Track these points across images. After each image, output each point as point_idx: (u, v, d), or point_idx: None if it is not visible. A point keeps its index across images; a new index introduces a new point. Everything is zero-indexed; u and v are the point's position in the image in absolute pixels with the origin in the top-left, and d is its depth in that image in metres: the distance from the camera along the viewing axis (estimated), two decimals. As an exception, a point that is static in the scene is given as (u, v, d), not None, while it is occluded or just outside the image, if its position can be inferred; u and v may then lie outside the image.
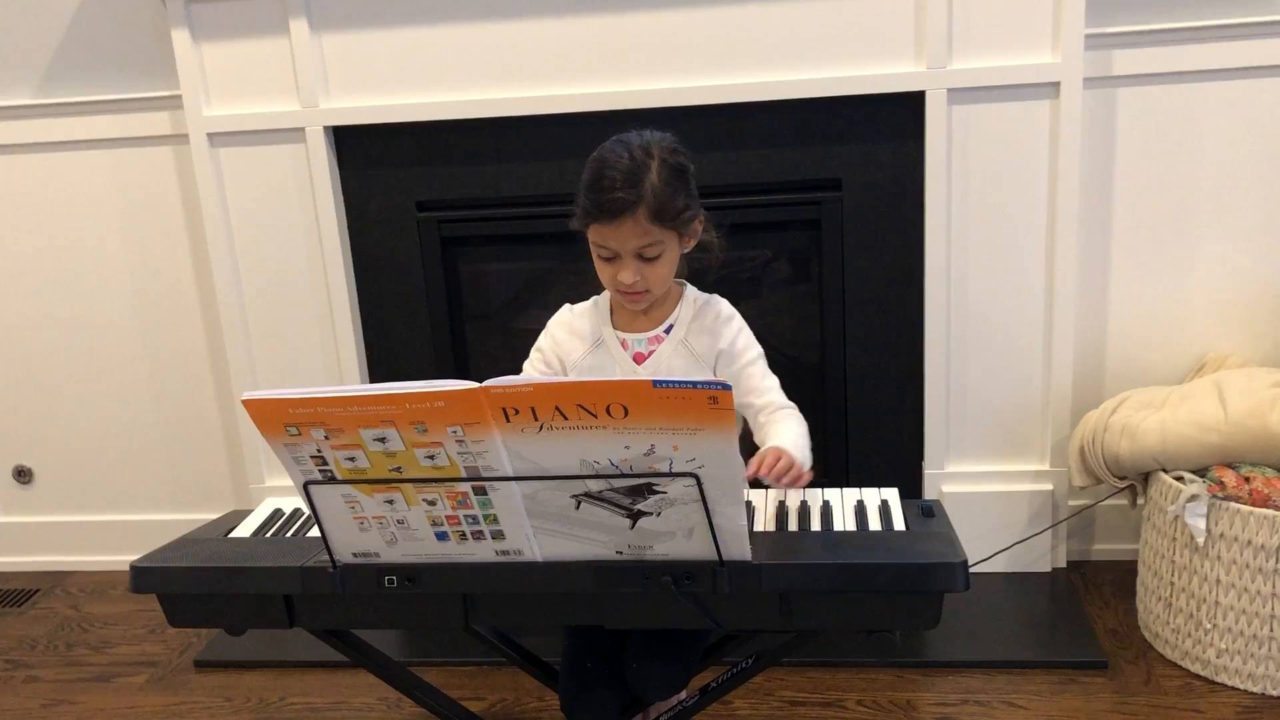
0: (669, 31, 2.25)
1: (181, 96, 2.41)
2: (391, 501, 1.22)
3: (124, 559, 1.51)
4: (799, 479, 1.43)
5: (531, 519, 1.21)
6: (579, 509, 1.20)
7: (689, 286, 1.69)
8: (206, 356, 2.74)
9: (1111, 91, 2.30)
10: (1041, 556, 2.48)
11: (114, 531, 2.88)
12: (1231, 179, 2.33)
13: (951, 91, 2.22)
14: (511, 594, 1.29)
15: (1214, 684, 2.06)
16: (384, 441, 1.16)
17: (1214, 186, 2.34)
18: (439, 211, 2.46)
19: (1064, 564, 2.50)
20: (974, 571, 2.39)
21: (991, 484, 2.45)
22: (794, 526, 1.38)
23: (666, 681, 1.50)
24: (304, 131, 2.39)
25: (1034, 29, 2.18)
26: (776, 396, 1.64)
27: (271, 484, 2.63)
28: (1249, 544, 1.96)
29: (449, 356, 2.56)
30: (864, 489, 1.46)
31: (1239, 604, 2.00)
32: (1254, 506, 1.97)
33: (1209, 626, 2.05)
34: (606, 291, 1.67)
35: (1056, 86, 2.19)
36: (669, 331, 1.64)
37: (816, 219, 2.37)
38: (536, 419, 1.12)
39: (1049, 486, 2.44)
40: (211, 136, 2.43)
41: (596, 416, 1.11)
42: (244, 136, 2.43)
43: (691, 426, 1.10)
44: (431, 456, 1.17)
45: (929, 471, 2.46)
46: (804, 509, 1.41)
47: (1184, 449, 2.10)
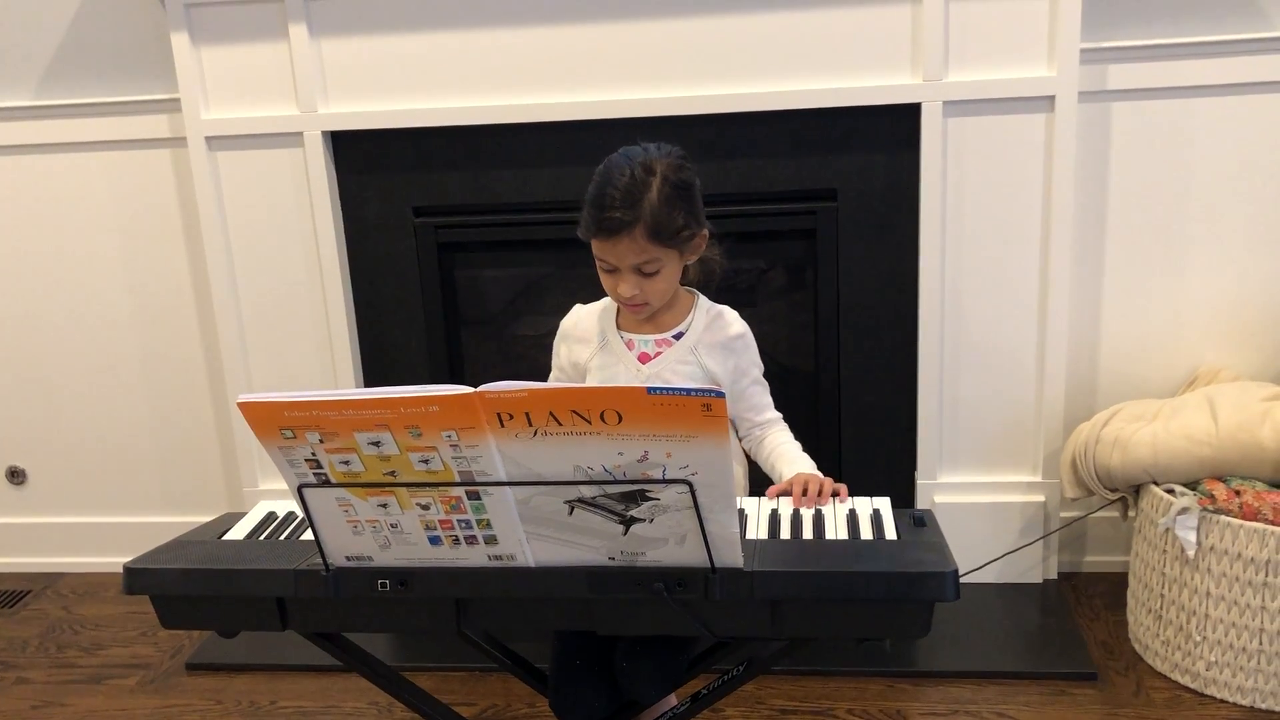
0: (666, 41, 2.26)
1: (180, 100, 2.42)
2: (385, 505, 1.22)
3: (117, 560, 1.51)
4: (839, 492, 1.49)
5: (524, 524, 1.22)
6: (572, 514, 1.20)
7: (701, 296, 1.70)
8: (202, 359, 2.74)
9: (1106, 106, 2.32)
10: (1033, 567, 2.48)
11: (107, 533, 2.87)
12: (1224, 194, 2.35)
13: (947, 104, 2.23)
14: (504, 599, 1.30)
15: (1203, 696, 2.07)
16: (378, 445, 1.17)
17: (1207, 201, 2.36)
18: (435, 216, 2.47)
19: (1055, 575, 2.51)
20: (965, 582, 2.39)
21: (983, 494, 2.46)
22: (786, 534, 1.38)
23: (657, 680, 1.50)
24: (302, 136, 2.40)
25: (1029, 43, 2.19)
26: (770, 413, 1.72)
27: (265, 487, 2.62)
28: (1239, 557, 1.97)
29: (444, 361, 2.56)
30: (856, 498, 1.47)
31: (1229, 617, 2.01)
32: (1244, 520, 1.98)
33: (1199, 639, 2.05)
34: None
35: (1051, 100, 2.21)
36: (679, 338, 1.66)
37: (812, 229, 2.38)
38: (531, 424, 1.13)
39: (1041, 498, 2.44)
40: (210, 140, 2.43)
41: (590, 422, 1.12)
42: (242, 140, 2.43)
43: (685, 433, 1.11)
44: (426, 461, 1.17)
45: (921, 481, 2.47)
46: (796, 517, 1.42)
47: (1175, 462, 2.11)
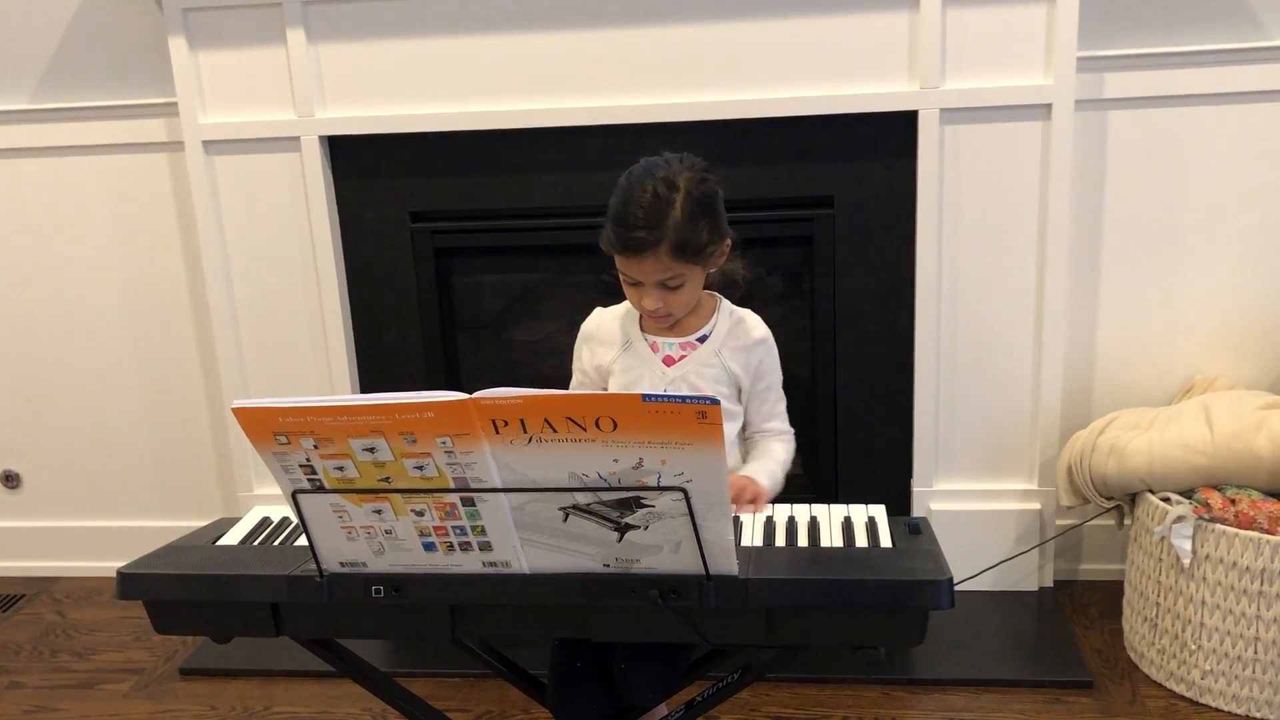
0: (663, 48, 2.26)
1: (177, 104, 2.42)
2: (380, 511, 1.22)
3: (111, 565, 1.51)
4: (755, 500, 1.53)
5: (519, 531, 1.22)
6: (567, 521, 1.20)
7: (723, 299, 1.71)
8: (198, 364, 2.73)
9: (1103, 114, 2.32)
10: (1028, 575, 2.48)
11: (101, 537, 2.87)
12: (1221, 202, 2.35)
13: (944, 111, 2.23)
14: (498, 605, 1.29)
15: (1198, 705, 2.07)
16: (373, 451, 1.16)
17: (1204, 209, 2.36)
18: (432, 222, 2.47)
19: (1050, 583, 2.51)
20: (961, 590, 2.39)
21: (979, 502, 2.46)
22: (781, 542, 1.38)
23: (657, 685, 1.50)
24: (299, 141, 2.40)
25: (1027, 51, 2.20)
26: (779, 423, 1.72)
27: (260, 492, 2.62)
28: (1234, 566, 1.97)
29: (440, 367, 2.56)
30: (851, 505, 1.47)
31: (1224, 625, 2.01)
32: (1239, 528, 1.98)
33: (1194, 647, 2.05)
34: None
35: (1048, 108, 2.21)
36: (703, 341, 1.66)
37: (809, 236, 2.38)
38: (525, 431, 1.13)
39: (1036, 506, 2.44)
40: (207, 144, 2.43)
41: (585, 429, 1.11)
42: (239, 145, 2.43)
43: (680, 441, 1.11)
44: (420, 467, 1.17)
45: (917, 489, 2.46)
46: (791, 525, 1.42)
47: (1171, 470, 2.11)
